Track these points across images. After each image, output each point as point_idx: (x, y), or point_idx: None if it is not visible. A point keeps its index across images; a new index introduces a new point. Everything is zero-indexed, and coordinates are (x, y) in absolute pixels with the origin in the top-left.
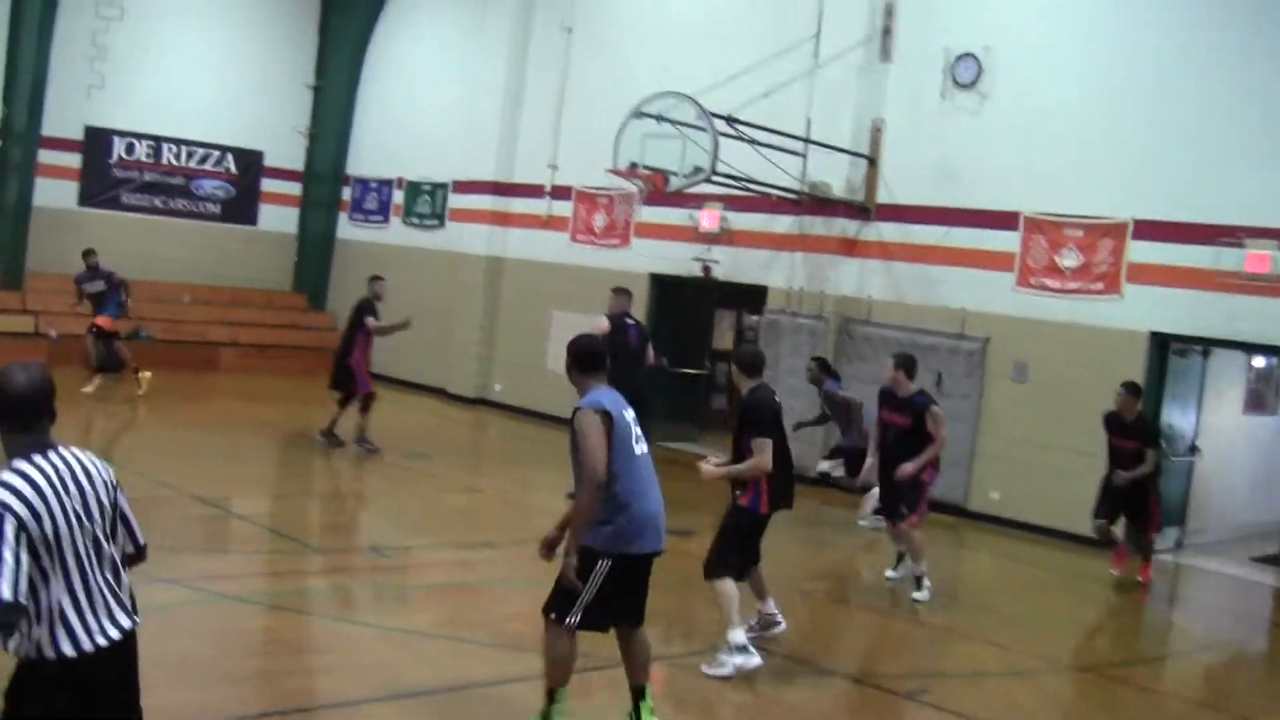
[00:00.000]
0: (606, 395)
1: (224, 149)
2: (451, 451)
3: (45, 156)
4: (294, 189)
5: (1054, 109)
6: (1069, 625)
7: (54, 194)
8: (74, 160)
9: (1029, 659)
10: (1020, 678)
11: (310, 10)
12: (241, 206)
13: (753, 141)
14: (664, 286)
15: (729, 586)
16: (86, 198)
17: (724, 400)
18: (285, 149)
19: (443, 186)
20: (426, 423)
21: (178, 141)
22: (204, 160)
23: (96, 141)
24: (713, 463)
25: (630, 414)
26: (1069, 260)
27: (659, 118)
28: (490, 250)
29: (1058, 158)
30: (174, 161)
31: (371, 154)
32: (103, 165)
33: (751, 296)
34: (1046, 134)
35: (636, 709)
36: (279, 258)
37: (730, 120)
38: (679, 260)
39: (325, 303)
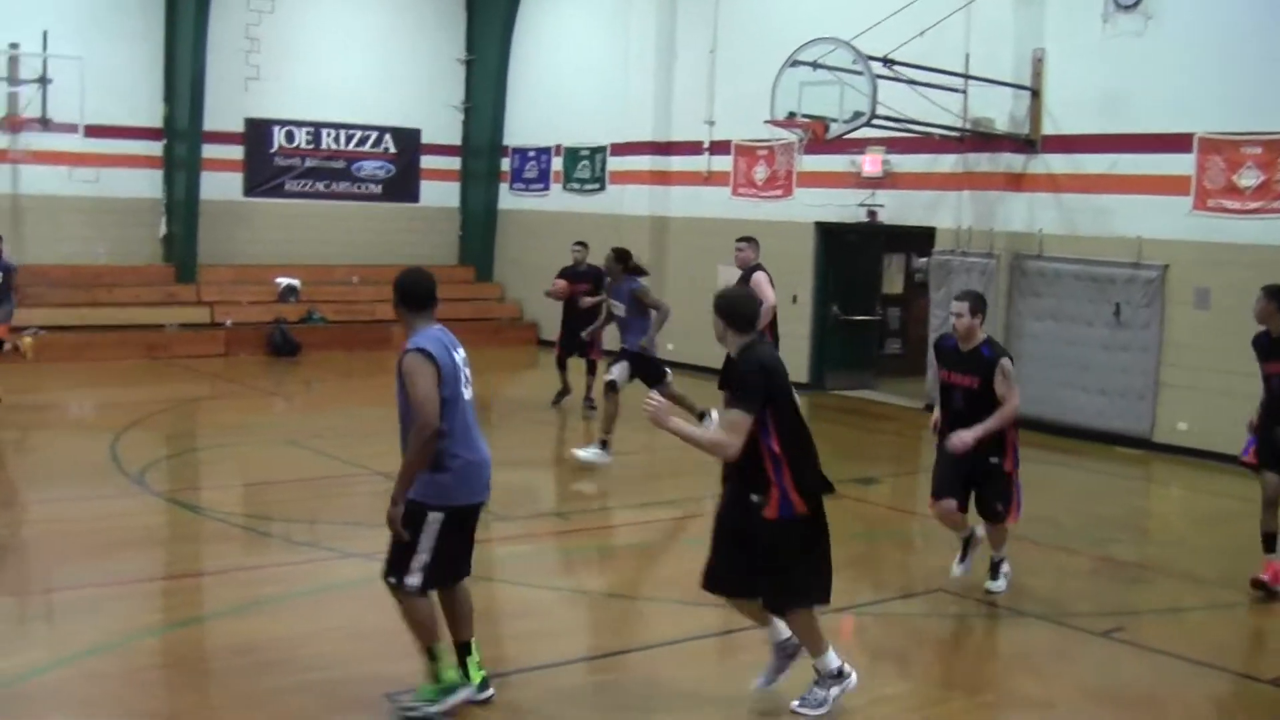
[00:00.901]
0: (434, 337)
1: (382, 129)
2: (626, 412)
3: (209, 151)
4: (453, 164)
5: (1221, 24)
6: None
7: (220, 187)
8: (236, 152)
9: (1227, 592)
10: (1219, 611)
11: None
12: (403, 185)
13: (911, 82)
14: (830, 234)
15: (805, 615)
16: (251, 188)
17: (898, 345)
18: (442, 125)
19: (601, 150)
20: (600, 385)
21: (336, 126)
22: (363, 142)
23: (257, 132)
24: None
25: (461, 354)
26: (1248, 179)
27: (815, 65)
28: (652, 210)
29: (1229, 75)
30: (333, 146)
31: (527, 123)
32: (264, 155)
33: (919, 239)
34: (1215, 51)
35: (464, 666)
36: (443, 232)
37: (887, 62)
38: (844, 207)
39: (492, 274)
